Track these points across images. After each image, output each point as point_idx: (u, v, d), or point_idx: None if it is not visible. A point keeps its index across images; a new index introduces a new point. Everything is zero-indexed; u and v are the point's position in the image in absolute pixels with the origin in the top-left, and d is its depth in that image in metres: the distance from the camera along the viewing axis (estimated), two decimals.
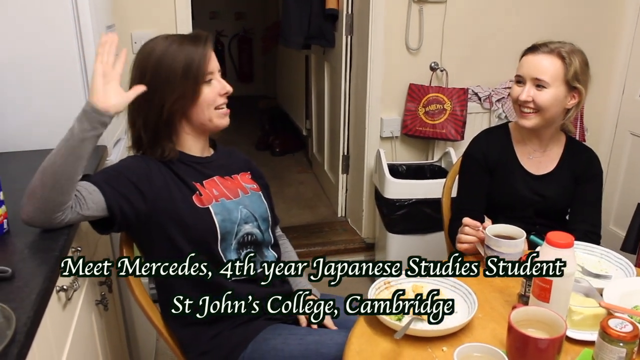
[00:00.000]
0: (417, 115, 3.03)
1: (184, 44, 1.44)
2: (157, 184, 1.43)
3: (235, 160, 1.68)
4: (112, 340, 1.71)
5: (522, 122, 1.78)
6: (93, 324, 1.49)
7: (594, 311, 1.27)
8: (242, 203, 1.55)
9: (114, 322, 1.77)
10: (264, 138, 5.29)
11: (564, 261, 1.20)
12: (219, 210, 1.48)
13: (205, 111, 1.47)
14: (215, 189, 1.51)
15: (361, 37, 3.10)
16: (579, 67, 1.73)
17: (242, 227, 1.52)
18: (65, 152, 1.21)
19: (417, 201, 2.80)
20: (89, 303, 1.47)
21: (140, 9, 2.69)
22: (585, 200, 1.85)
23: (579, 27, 3.08)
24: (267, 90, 7.05)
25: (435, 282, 1.45)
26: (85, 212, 1.29)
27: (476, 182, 1.90)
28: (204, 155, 1.57)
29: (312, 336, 1.47)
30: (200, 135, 1.54)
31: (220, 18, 7.04)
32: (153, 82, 1.41)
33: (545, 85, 1.72)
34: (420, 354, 1.21)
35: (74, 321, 1.30)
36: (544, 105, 1.73)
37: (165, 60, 1.42)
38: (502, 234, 1.55)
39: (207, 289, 1.48)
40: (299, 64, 4.82)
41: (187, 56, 1.42)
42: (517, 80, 1.80)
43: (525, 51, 1.80)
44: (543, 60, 1.73)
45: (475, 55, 3.10)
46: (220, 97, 1.49)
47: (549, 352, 1.09)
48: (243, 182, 1.61)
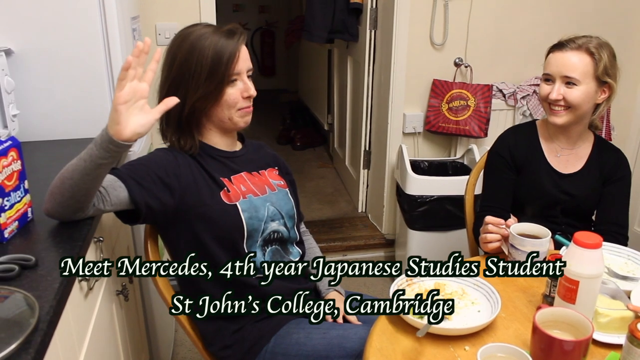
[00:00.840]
0: (440, 111, 3.00)
1: (217, 37, 1.40)
2: (185, 179, 1.41)
3: (263, 155, 1.65)
4: (132, 331, 1.72)
5: (553, 119, 1.75)
6: (113, 314, 1.50)
7: (621, 314, 1.24)
8: (269, 200, 1.53)
9: (134, 312, 1.78)
10: (285, 132, 5.29)
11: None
12: (246, 207, 1.46)
13: (225, 111, 1.45)
14: (242, 185, 1.50)
15: (385, 32, 3.08)
16: (608, 62, 1.70)
17: (268, 225, 1.50)
18: (83, 172, 1.17)
19: (439, 198, 2.77)
20: (110, 293, 1.47)
21: (164, 1, 2.69)
22: (612, 201, 1.82)
23: (607, 23, 3.02)
24: (289, 84, 7.05)
25: (458, 281, 1.43)
26: (107, 207, 1.29)
27: (502, 180, 1.87)
28: (232, 150, 1.55)
29: (335, 330, 1.46)
30: (224, 133, 1.52)
31: (244, 11, 7.05)
32: (179, 75, 1.40)
33: (576, 83, 1.69)
34: (441, 353, 1.19)
35: (95, 311, 1.31)
36: (575, 102, 1.70)
37: (195, 52, 1.39)
38: (526, 232, 1.52)
39: (231, 285, 1.47)
40: (322, 58, 4.81)
41: (217, 52, 1.38)
42: (546, 79, 1.76)
43: (551, 48, 1.77)
44: (572, 57, 1.70)
45: (500, 51, 3.05)
46: (243, 99, 1.45)
47: (574, 354, 1.07)
48: (270, 179, 1.59)
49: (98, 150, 1.16)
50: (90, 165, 1.16)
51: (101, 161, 1.16)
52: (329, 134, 4.85)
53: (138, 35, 2.20)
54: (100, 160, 1.16)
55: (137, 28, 2.20)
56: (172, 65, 1.42)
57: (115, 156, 1.18)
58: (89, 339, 1.22)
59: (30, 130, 1.79)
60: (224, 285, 1.47)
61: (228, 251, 1.45)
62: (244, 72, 1.44)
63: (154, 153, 1.47)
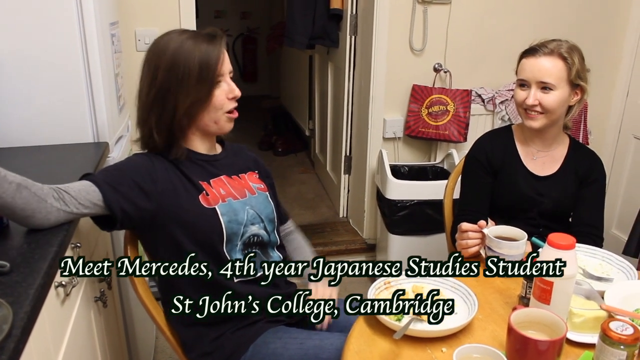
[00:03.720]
0: (420, 117, 3.02)
1: (199, 42, 1.40)
2: (162, 183, 1.40)
3: (243, 158, 1.65)
4: (111, 338, 1.71)
5: (529, 123, 1.77)
6: (92, 321, 1.48)
7: (595, 314, 1.26)
8: (249, 203, 1.53)
9: (113, 319, 1.77)
10: (267, 138, 5.29)
11: (564, 261, 1.19)
12: (225, 210, 1.46)
13: (212, 114, 1.44)
14: (222, 188, 1.50)
15: (365, 38, 3.10)
16: (579, 65, 1.74)
17: (248, 228, 1.50)
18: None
19: (419, 202, 2.79)
20: (88, 299, 1.46)
21: (144, 6, 2.68)
22: (588, 203, 1.85)
23: (583, 30, 3.07)
24: (271, 90, 7.05)
25: (435, 283, 1.45)
26: (79, 210, 1.27)
27: (479, 184, 1.89)
28: (211, 154, 1.55)
29: (312, 341, 1.46)
30: (205, 136, 1.51)
31: (226, 17, 7.06)
32: (166, 82, 1.38)
33: (552, 88, 1.72)
34: (419, 355, 1.20)
35: (72, 317, 1.29)
36: (551, 107, 1.72)
37: (180, 59, 1.37)
38: (503, 235, 1.54)
39: (209, 289, 1.47)
40: (303, 64, 4.82)
41: (202, 57, 1.38)
42: (520, 84, 1.79)
43: (523, 54, 1.79)
44: (546, 63, 1.72)
45: (479, 56, 3.09)
46: (229, 100, 1.45)
47: (549, 354, 1.08)
48: (250, 182, 1.59)
49: None
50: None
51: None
52: (310, 140, 4.86)
53: (117, 40, 2.19)
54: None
55: (116, 34, 2.19)
56: (155, 74, 1.40)
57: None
58: (66, 346, 1.21)
59: (8, 136, 1.78)
60: (205, 290, 1.47)
61: (208, 256, 1.44)
62: (226, 73, 1.44)
63: (130, 158, 1.46)
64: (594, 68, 1.80)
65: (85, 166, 1.58)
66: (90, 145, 1.84)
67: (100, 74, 1.80)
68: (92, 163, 1.65)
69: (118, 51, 2.19)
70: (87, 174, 1.35)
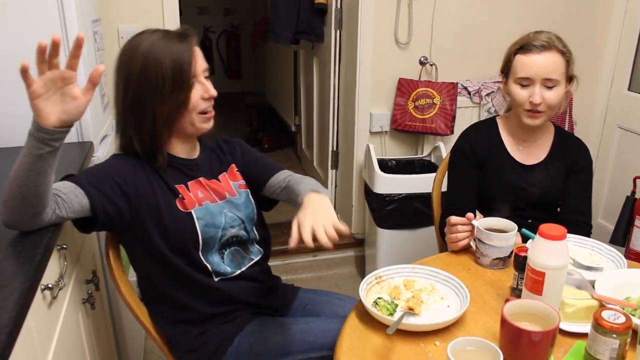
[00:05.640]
0: (406, 110, 3.02)
1: (169, 44, 1.35)
2: (141, 186, 1.39)
3: (221, 154, 1.60)
4: (100, 340, 1.69)
5: (532, 122, 1.75)
6: (80, 323, 1.47)
7: (587, 303, 1.27)
8: (228, 206, 1.51)
9: (101, 321, 1.75)
10: (253, 134, 5.26)
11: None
12: (201, 214, 1.44)
13: (186, 116, 1.40)
14: (200, 191, 1.48)
15: (350, 32, 3.08)
16: (572, 57, 1.74)
17: (227, 231, 1.49)
18: (25, 168, 1.13)
19: (407, 196, 2.79)
20: (76, 302, 1.44)
21: (127, 3, 2.65)
22: (576, 191, 1.85)
23: (567, 21, 3.08)
24: (256, 87, 7.02)
25: (427, 277, 1.44)
26: (68, 214, 1.26)
27: (466, 177, 1.89)
28: (191, 157, 1.52)
29: (297, 325, 1.47)
30: (186, 138, 1.48)
31: (209, 13, 7.00)
32: (139, 91, 1.35)
33: (555, 84, 1.71)
34: (412, 349, 1.19)
35: (59, 320, 1.27)
36: (554, 104, 1.72)
37: (151, 65, 1.33)
38: (493, 227, 1.54)
39: (191, 288, 1.47)
40: (288, 59, 4.80)
41: (175, 61, 1.34)
42: (520, 83, 1.74)
43: (517, 50, 1.75)
44: (548, 59, 1.70)
45: (464, 49, 3.09)
46: (204, 101, 1.41)
47: (542, 344, 1.08)
48: (231, 181, 1.57)
49: (33, 140, 1.12)
50: (29, 158, 1.12)
51: (38, 152, 1.12)
52: (296, 136, 4.84)
53: (99, 38, 2.16)
54: (37, 151, 1.12)
55: (99, 31, 2.16)
56: (128, 81, 1.37)
57: (52, 145, 1.13)
58: (54, 349, 1.19)
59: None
60: (188, 291, 1.46)
61: (184, 259, 1.43)
62: (200, 73, 1.40)
63: (110, 160, 1.44)
64: (578, 59, 1.79)
65: (70, 166, 1.56)
66: (75, 145, 1.81)
67: (83, 72, 1.77)
68: (77, 163, 1.63)
69: (101, 49, 2.16)
70: (69, 175, 1.34)
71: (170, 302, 1.48)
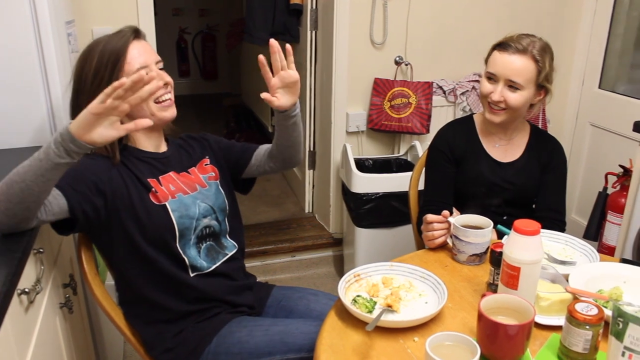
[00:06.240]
0: (382, 110, 3.04)
1: (107, 39, 1.43)
2: (115, 183, 1.40)
3: (190, 149, 1.63)
4: (78, 344, 1.67)
5: (491, 117, 1.80)
6: (57, 328, 1.45)
7: (561, 296, 1.29)
8: (200, 197, 1.53)
9: (79, 325, 1.73)
10: (230, 136, 5.24)
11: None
12: (176, 206, 1.46)
13: (144, 107, 1.43)
14: (172, 184, 1.50)
15: (326, 32, 3.10)
16: (549, 68, 1.76)
17: (200, 222, 1.51)
18: (37, 172, 1.15)
19: (384, 195, 2.81)
20: (53, 306, 1.43)
21: (101, 5, 2.63)
22: (550, 188, 1.88)
23: (539, 20, 3.14)
24: (232, 88, 6.99)
25: (405, 274, 1.46)
26: (49, 217, 1.27)
27: (443, 175, 1.91)
28: (160, 151, 1.55)
29: (277, 327, 1.48)
30: (150, 131, 1.50)
31: (184, 15, 6.95)
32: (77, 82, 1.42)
33: (519, 88, 1.73)
34: (391, 345, 1.21)
35: (37, 325, 1.26)
36: (515, 106, 1.75)
37: (88, 59, 1.41)
38: (469, 224, 1.56)
39: (166, 286, 1.47)
40: None
41: (101, 54, 1.40)
42: (489, 77, 1.79)
43: (495, 46, 1.79)
44: (517, 61, 1.72)
45: (439, 48, 3.12)
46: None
47: (518, 338, 1.10)
48: (200, 174, 1.59)
49: (57, 148, 1.14)
50: (46, 164, 1.14)
51: (59, 160, 1.15)
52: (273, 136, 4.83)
53: (74, 40, 2.14)
54: (57, 159, 1.14)
55: (73, 33, 2.14)
56: (72, 77, 1.44)
57: (72, 157, 1.16)
58: (31, 355, 1.18)
59: None
60: (164, 288, 1.47)
61: (162, 253, 1.45)
62: (151, 64, 1.45)
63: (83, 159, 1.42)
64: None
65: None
66: None
67: (58, 74, 1.76)
68: None
69: (75, 51, 2.14)
70: None
71: (146, 301, 1.48)
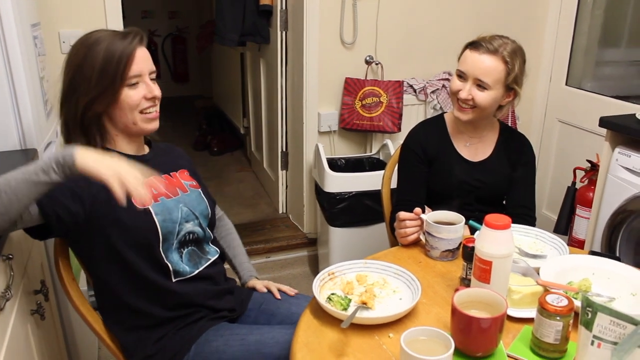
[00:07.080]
0: (354, 109, 3.06)
1: (111, 39, 1.39)
2: (95, 187, 1.35)
3: (172, 156, 1.65)
4: (51, 351, 1.65)
5: (459, 115, 1.82)
6: (29, 335, 1.43)
7: (532, 289, 1.31)
8: (182, 201, 1.52)
9: (52, 332, 1.71)
10: (202, 138, 5.22)
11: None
12: (159, 210, 1.45)
13: (128, 114, 1.42)
14: (154, 188, 1.48)
15: (296, 33, 3.10)
16: (519, 71, 1.78)
17: (183, 226, 1.49)
18: (27, 187, 1.15)
19: (357, 194, 2.82)
20: (24, 313, 1.40)
21: (68, 7, 2.59)
22: (520, 185, 1.92)
23: (506, 18, 3.19)
24: (203, 90, 6.95)
25: (379, 271, 1.47)
26: (20, 225, 1.26)
27: (415, 174, 1.93)
28: (140, 154, 1.53)
29: (253, 336, 1.47)
30: (129, 136, 1.49)
31: (153, 17, 6.88)
32: (73, 79, 1.39)
33: (487, 87, 1.75)
34: (367, 342, 1.21)
35: (7, 333, 1.24)
36: (482, 105, 1.77)
37: (88, 56, 1.38)
38: (441, 220, 1.58)
39: (147, 291, 1.45)
40: (235, 62, 4.78)
41: (108, 53, 1.37)
42: (459, 74, 1.81)
43: (468, 45, 1.81)
44: (486, 61, 1.74)
45: (409, 48, 3.14)
46: (147, 100, 1.43)
47: (491, 330, 1.12)
48: (182, 180, 1.58)
49: (56, 170, 1.16)
50: (38, 180, 1.15)
51: (52, 179, 1.16)
52: (245, 138, 4.82)
53: (40, 43, 2.10)
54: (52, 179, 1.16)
55: (39, 35, 2.10)
56: (68, 72, 1.40)
57: (63, 178, 1.18)
58: None
59: None
60: (145, 295, 1.45)
61: (144, 258, 1.43)
62: (145, 74, 1.43)
63: None
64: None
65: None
66: (17, 153, 1.76)
67: (24, 77, 1.72)
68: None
69: (42, 54, 2.10)
70: None
71: (126, 307, 1.46)
